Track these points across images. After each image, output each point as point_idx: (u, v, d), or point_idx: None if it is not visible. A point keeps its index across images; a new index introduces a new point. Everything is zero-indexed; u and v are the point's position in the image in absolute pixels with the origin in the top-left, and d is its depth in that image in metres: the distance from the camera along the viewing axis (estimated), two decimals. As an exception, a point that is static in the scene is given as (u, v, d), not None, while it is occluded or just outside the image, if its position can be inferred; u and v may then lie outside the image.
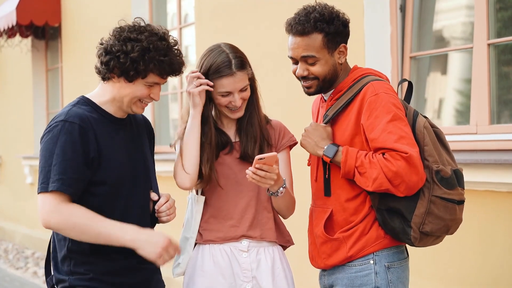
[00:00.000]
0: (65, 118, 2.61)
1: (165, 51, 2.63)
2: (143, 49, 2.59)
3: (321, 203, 2.84)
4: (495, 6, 4.20)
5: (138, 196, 2.76)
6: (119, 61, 2.60)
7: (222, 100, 2.90)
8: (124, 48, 2.59)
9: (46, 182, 2.56)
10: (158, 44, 2.62)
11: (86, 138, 2.60)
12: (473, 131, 4.18)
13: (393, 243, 2.74)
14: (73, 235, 2.58)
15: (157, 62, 2.60)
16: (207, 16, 6.39)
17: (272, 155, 2.70)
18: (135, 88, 2.66)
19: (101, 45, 2.67)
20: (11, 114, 11.28)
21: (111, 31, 2.68)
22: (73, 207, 2.56)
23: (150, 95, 2.69)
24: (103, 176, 2.64)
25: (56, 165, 2.55)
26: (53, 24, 9.37)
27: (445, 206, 2.64)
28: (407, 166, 2.56)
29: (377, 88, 2.69)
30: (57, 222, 2.55)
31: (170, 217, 2.84)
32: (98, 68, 2.68)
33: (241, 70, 2.89)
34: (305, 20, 2.73)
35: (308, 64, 2.76)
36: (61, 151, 2.56)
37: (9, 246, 10.54)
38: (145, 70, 2.61)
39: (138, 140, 2.84)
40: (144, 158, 2.83)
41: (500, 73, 4.25)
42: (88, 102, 2.72)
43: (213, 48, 2.95)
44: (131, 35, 2.61)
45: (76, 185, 2.57)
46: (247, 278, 2.92)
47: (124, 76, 2.63)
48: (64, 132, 2.58)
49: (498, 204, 3.92)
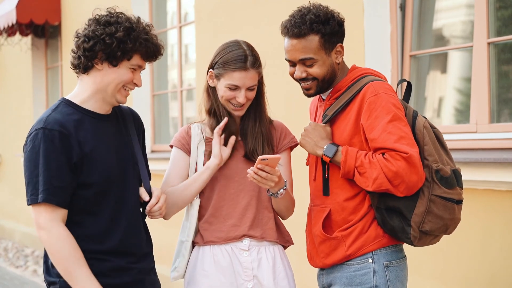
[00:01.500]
0: (44, 125, 2.60)
1: (146, 31, 2.66)
2: (127, 29, 2.61)
3: (320, 203, 2.84)
4: (495, 5, 4.20)
5: (128, 193, 2.74)
6: (105, 43, 2.60)
7: (228, 93, 2.91)
8: (108, 31, 2.60)
9: (35, 194, 2.56)
10: (139, 24, 2.66)
11: (67, 143, 2.59)
12: (473, 129, 4.18)
13: (392, 242, 2.75)
14: (51, 258, 2.60)
15: (143, 40, 2.63)
16: (207, 15, 6.39)
17: (275, 157, 2.70)
18: (120, 72, 2.65)
19: (78, 36, 2.66)
20: (10, 112, 11.28)
21: (86, 21, 2.69)
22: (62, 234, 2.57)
23: (134, 81, 2.69)
24: (90, 178, 2.63)
25: (41, 176, 2.55)
26: (53, 22, 9.37)
27: (445, 205, 2.64)
28: (407, 166, 2.57)
29: (377, 88, 2.69)
30: (45, 240, 2.59)
31: (161, 215, 2.83)
32: (78, 60, 2.66)
33: (254, 69, 2.90)
34: (301, 22, 2.72)
35: (306, 66, 2.76)
36: (44, 161, 2.56)
37: (9, 244, 10.54)
38: (131, 50, 2.62)
39: (126, 135, 2.81)
40: (132, 154, 2.80)
41: (500, 72, 4.25)
42: (69, 103, 2.69)
43: (231, 42, 2.96)
44: (111, 19, 2.64)
45: (62, 194, 2.57)
46: (248, 277, 2.92)
47: (109, 60, 2.63)
48: (45, 140, 2.57)
49: (498, 203, 3.92)
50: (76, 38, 2.67)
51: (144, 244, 2.81)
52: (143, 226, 2.84)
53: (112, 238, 2.68)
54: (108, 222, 2.67)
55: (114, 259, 2.68)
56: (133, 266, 2.73)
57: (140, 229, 2.79)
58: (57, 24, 9.50)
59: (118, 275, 2.69)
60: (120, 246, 2.69)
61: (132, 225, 2.74)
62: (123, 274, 2.71)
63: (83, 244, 2.61)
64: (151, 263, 2.85)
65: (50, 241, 2.56)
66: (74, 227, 2.62)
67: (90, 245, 2.64)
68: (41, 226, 2.57)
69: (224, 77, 2.89)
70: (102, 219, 2.66)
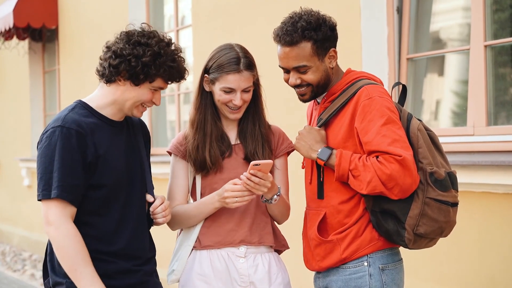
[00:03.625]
0: (62, 123, 2.63)
1: (173, 57, 2.67)
2: (155, 54, 2.63)
3: (315, 206, 2.84)
4: (491, 8, 4.21)
5: (136, 198, 2.78)
6: (130, 65, 2.63)
7: (224, 97, 2.91)
8: (135, 52, 2.62)
9: (47, 189, 2.59)
10: (167, 49, 2.66)
11: (83, 143, 2.62)
12: (470, 132, 4.18)
13: (387, 245, 2.74)
14: (56, 253, 2.62)
15: (167, 67, 2.65)
16: (204, 18, 6.39)
17: (268, 162, 2.70)
18: (140, 92, 2.69)
19: (108, 48, 2.69)
20: (8, 116, 11.28)
21: (118, 34, 2.71)
22: (71, 231, 2.59)
23: (153, 100, 2.73)
24: (102, 179, 2.66)
25: (56, 172, 2.58)
26: (50, 26, 9.37)
27: (439, 208, 2.64)
28: (401, 169, 2.56)
29: (371, 92, 2.70)
30: (53, 235, 2.60)
31: (165, 218, 2.85)
32: (103, 70, 2.69)
33: (248, 70, 2.90)
34: (293, 30, 2.72)
35: (300, 73, 2.77)
36: (60, 157, 2.59)
37: (7, 248, 10.53)
38: (155, 75, 2.65)
39: (135, 143, 2.85)
40: (140, 161, 2.84)
41: (497, 75, 4.25)
42: (85, 106, 2.73)
43: (224, 46, 2.97)
44: (141, 39, 2.65)
45: (76, 191, 2.61)
46: (245, 283, 2.91)
47: (131, 79, 2.66)
48: (62, 137, 2.60)
49: (495, 206, 3.92)
50: (106, 49, 2.70)
51: (148, 248, 2.86)
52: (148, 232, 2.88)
53: (120, 240, 2.72)
54: (116, 224, 2.71)
55: (120, 261, 2.71)
56: (138, 269, 2.77)
57: (145, 233, 2.84)
58: (54, 28, 9.49)
59: (124, 277, 2.73)
60: (126, 248, 2.73)
61: (138, 229, 2.78)
62: (129, 276, 2.74)
63: (91, 244, 2.64)
64: (154, 266, 2.90)
65: (58, 237, 2.58)
66: (83, 227, 2.65)
67: (98, 246, 2.67)
68: (50, 222, 2.59)
69: (219, 81, 2.90)
70: (110, 221, 2.70)
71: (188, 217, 2.94)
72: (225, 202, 2.83)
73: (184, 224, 2.97)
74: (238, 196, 2.80)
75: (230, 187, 2.81)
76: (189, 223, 2.96)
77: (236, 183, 2.80)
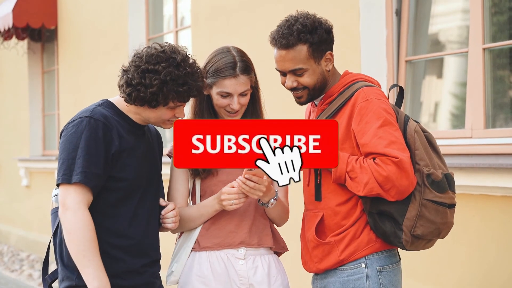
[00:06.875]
0: (90, 114, 2.68)
1: (183, 80, 2.67)
2: (161, 82, 2.64)
3: (313, 208, 2.84)
4: (490, 10, 4.21)
5: (150, 198, 2.83)
6: (139, 94, 2.66)
7: (221, 101, 2.92)
8: (143, 81, 2.65)
9: (68, 174, 2.62)
10: (176, 73, 2.66)
11: (109, 135, 2.68)
12: (468, 135, 4.19)
13: (385, 247, 2.75)
14: (68, 238, 2.62)
15: (175, 92, 2.67)
16: (204, 19, 6.39)
17: None
18: (159, 113, 2.74)
19: (124, 72, 2.72)
20: (7, 116, 11.28)
21: (131, 55, 2.73)
22: (87, 218, 2.60)
23: (175, 115, 2.76)
24: (123, 173, 2.71)
25: (80, 159, 2.62)
26: (50, 26, 9.37)
27: (436, 210, 2.64)
28: (398, 171, 2.57)
29: (368, 94, 2.70)
30: (68, 220, 2.60)
31: (174, 224, 2.88)
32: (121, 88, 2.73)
33: (245, 74, 2.90)
34: (288, 33, 2.72)
35: (296, 76, 2.77)
36: (85, 145, 2.63)
37: (4, 248, 10.52)
38: (164, 102, 2.68)
39: (152, 148, 2.91)
40: (157, 165, 2.91)
41: (495, 77, 4.26)
42: (111, 106, 2.78)
43: (221, 49, 2.97)
44: (149, 66, 2.66)
45: (97, 180, 2.64)
46: (244, 285, 2.92)
47: (147, 104, 2.70)
48: (89, 127, 2.65)
49: (493, 208, 3.92)
50: (121, 73, 2.73)
51: (158, 250, 2.89)
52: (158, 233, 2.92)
53: (132, 235, 2.75)
54: (130, 219, 2.74)
55: (130, 258, 2.74)
56: (145, 270, 2.80)
57: (156, 233, 2.88)
58: (54, 28, 9.49)
59: (131, 277, 2.75)
60: (138, 244, 2.76)
61: (150, 227, 2.82)
62: (136, 276, 2.77)
63: (104, 236, 2.67)
64: (159, 269, 2.92)
65: (74, 221, 2.59)
66: (99, 217, 2.68)
67: (110, 238, 2.71)
68: (67, 206, 2.61)
69: (216, 85, 2.91)
70: (124, 216, 2.73)
71: (189, 219, 2.95)
72: (223, 205, 2.85)
73: (185, 227, 2.98)
74: (234, 199, 2.82)
75: (227, 190, 2.84)
76: (191, 225, 2.96)
77: (233, 186, 2.83)
